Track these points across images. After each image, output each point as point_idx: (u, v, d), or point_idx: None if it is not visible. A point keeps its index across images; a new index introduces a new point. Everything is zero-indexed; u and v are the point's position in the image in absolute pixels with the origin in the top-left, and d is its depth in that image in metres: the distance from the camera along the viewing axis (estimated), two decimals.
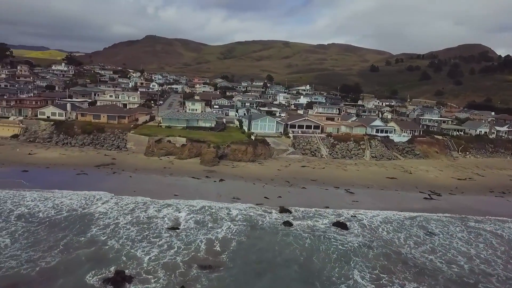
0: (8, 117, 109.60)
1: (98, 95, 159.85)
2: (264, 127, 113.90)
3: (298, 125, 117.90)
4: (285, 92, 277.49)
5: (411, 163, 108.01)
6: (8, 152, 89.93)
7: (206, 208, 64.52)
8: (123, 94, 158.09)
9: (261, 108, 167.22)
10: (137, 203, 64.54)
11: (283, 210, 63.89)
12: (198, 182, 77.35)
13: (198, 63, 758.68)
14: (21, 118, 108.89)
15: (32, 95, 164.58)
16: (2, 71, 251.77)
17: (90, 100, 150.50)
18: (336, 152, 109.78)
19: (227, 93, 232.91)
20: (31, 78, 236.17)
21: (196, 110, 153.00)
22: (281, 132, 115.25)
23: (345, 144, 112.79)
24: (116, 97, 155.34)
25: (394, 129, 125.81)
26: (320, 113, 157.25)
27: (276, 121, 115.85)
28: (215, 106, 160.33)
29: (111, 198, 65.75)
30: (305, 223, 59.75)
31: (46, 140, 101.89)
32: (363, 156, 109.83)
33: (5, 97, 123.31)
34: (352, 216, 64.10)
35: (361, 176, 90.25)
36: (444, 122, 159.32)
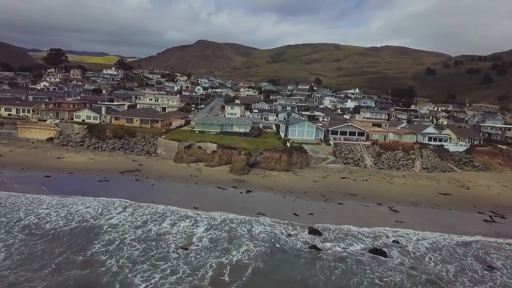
0: (45, 120, 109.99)
1: (139, 98, 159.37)
2: (302, 133, 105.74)
3: (340, 131, 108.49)
4: (332, 96, 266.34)
5: (469, 177, 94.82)
6: (38, 155, 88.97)
7: (227, 222, 58.37)
8: (162, 97, 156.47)
9: (303, 113, 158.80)
10: (153, 214, 59.52)
11: (312, 230, 55.65)
12: (223, 193, 71.01)
13: (247, 67, 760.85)
14: (57, 121, 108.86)
15: (78, 98, 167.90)
16: (57, 75, 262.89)
17: (129, 104, 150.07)
18: (382, 162, 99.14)
19: (271, 97, 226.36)
20: (82, 82, 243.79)
21: (235, 114, 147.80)
22: (321, 138, 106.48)
23: (393, 153, 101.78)
24: (155, 101, 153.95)
25: (450, 137, 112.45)
26: (367, 118, 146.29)
27: (316, 127, 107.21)
28: (254, 110, 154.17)
29: (126, 208, 61.17)
30: (337, 248, 51.15)
31: (78, 143, 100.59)
32: (413, 167, 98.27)
33: (46, 100, 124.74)
34: (394, 241, 54.49)
35: (409, 191, 79.47)
36: (509, 129, 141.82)
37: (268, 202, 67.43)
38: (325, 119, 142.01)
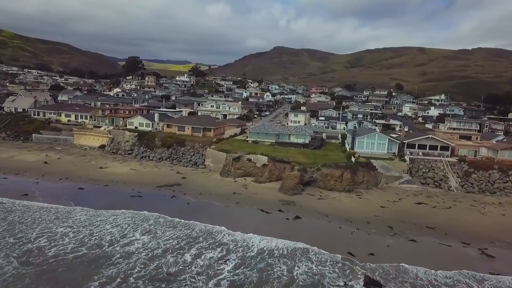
0: (100, 127, 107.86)
1: (201, 105, 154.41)
2: (372, 145, 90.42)
3: (418, 145, 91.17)
4: (413, 102, 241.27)
5: None
6: (82, 164, 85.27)
7: (264, 254, 47.32)
8: (223, 104, 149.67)
9: (377, 121, 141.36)
10: (178, 240, 50.71)
11: (370, 281, 41.89)
12: (266, 218, 59.60)
13: (323, 72, 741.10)
14: (110, 128, 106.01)
15: (146, 104, 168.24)
16: (132, 82, 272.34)
17: (191, 110, 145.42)
18: (471, 184, 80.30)
19: (344, 103, 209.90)
20: (154, 88, 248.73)
21: (298, 122, 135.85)
22: (394, 153, 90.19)
23: (486, 173, 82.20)
24: (217, 107, 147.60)
25: None
26: (453, 129, 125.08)
27: (388, 139, 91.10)
28: (320, 118, 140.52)
29: (150, 231, 52.92)
30: None
31: (127, 152, 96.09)
32: None
33: (107, 106, 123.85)
34: None
35: (510, 226, 61.02)
36: None
37: (318, 232, 54.56)
38: (403, 129, 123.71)
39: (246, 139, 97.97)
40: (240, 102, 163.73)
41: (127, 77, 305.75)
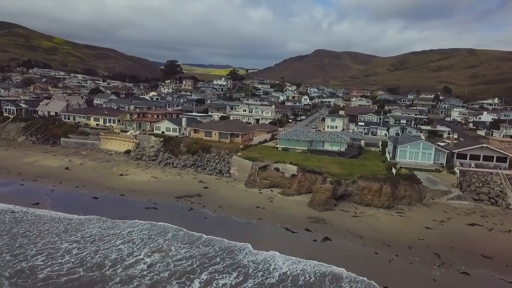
0: (127, 131, 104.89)
1: (234, 109, 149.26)
2: (416, 155, 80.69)
3: (470, 155, 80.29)
4: (463, 107, 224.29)
5: None
6: (103, 171, 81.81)
7: (287, 282, 40.66)
8: (256, 108, 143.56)
9: (423, 127, 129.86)
10: (192, 261, 45.60)
11: None
12: (289, 239, 52.49)
13: (365, 75, 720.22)
14: (137, 132, 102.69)
15: (179, 108, 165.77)
16: (170, 85, 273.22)
17: (222, 114, 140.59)
18: None
19: (385, 107, 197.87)
20: (191, 92, 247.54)
21: (335, 127, 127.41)
22: (441, 164, 79.90)
23: None
24: (249, 112, 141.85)
25: None
26: (510, 136, 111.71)
27: (435, 148, 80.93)
28: (360, 123, 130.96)
29: (159, 251, 47.45)
30: None
31: (151, 158, 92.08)
32: None
33: (136, 109, 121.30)
34: None
35: None
36: None
37: (351, 258, 46.68)
38: (452, 136, 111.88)
39: (276, 146, 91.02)
40: (273, 106, 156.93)
41: (165, 81, 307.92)
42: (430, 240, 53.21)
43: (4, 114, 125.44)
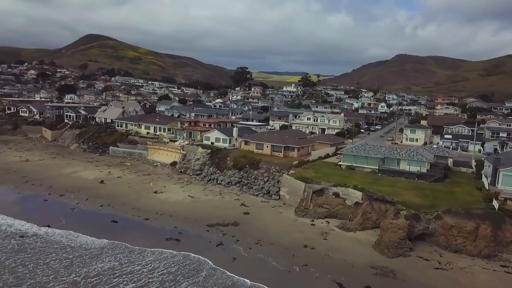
0: (176, 141, 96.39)
1: (298, 117, 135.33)
2: None
3: None
4: None
5: None
6: (137, 186, 73.08)
7: None
8: (322, 116, 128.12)
9: None
10: None
11: None
12: None
13: (452, 81, 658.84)
14: (185, 142, 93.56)
15: (240, 116, 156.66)
16: (238, 92, 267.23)
17: (284, 123, 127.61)
18: None
19: (478, 117, 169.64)
20: (258, 99, 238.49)
21: (416, 140, 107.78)
22: None
23: None
24: (314, 120, 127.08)
25: None
26: None
27: None
28: (446, 136, 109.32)
29: None
30: None
31: (195, 172, 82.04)
32: None
33: (200, 118, 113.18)
34: None
35: None
36: None
37: None
38: None
39: (339, 163, 75.46)
40: (342, 114, 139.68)
41: (235, 88, 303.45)
42: None
43: (65, 121, 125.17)
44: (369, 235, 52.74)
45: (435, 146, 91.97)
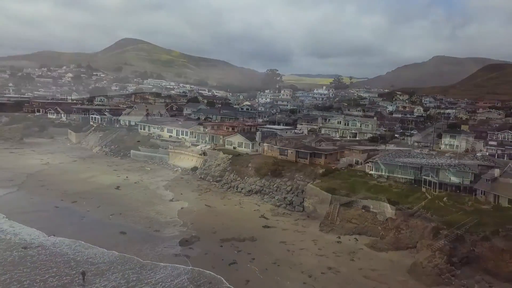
0: (197, 145, 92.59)
1: (328, 120, 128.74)
2: None
3: None
4: None
5: None
6: (154, 194, 69.52)
7: None
8: (353, 120, 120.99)
9: None
10: None
11: None
12: None
13: (495, 83, 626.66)
14: (207, 147, 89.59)
15: (267, 119, 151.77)
16: (268, 95, 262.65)
17: (313, 127, 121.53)
18: None
19: None
20: (288, 101, 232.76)
21: (456, 147, 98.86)
22: None
23: None
24: (345, 124, 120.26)
25: None
26: None
27: None
28: (491, 143, 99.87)
29: None
30: None
31: (215, 178, 77.66)
32: None
33: (225, 121, 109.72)
34: None
35: None
36: None
37: None
38: None
39: (370, 171, 68.83)
40: (375, 118, 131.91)
41: (265, 91, 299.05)
42: None
43: (90, 123, 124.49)
44: (403, 257, 46.29)
45: (478, 154, 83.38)
